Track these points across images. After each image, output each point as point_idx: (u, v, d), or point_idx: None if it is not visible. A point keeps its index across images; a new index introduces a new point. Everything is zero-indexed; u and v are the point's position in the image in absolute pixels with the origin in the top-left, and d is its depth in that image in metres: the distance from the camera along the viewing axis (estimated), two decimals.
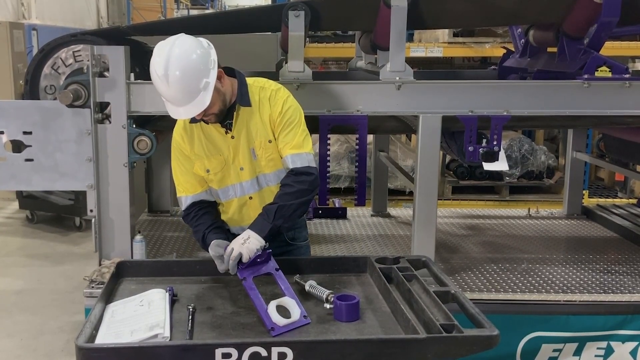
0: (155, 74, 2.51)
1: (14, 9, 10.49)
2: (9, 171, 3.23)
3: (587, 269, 3.74)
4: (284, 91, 2.79)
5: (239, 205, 2.86)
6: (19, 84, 8.05)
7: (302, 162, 2.71)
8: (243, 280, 2.53)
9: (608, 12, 3.22)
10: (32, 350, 4.61)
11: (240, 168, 2.79)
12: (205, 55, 2.55)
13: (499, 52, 5.57)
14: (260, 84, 2.78)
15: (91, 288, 3.15)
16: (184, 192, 2.88)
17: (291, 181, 2.71)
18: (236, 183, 2.82)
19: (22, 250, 6.79)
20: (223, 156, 2.78)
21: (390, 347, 2.18)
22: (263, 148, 2.75)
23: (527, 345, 3.34)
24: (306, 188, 2.70)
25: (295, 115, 2.75)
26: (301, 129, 2.75)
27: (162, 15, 14.05)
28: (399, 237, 4.36)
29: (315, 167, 2.76)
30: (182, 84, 2.50)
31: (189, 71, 2.49)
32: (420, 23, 3.78)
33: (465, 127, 3.27)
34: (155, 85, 2.56)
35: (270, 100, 2.73)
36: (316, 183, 2.76)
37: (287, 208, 2.67)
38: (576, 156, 4.90)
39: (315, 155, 2.80)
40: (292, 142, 2.73)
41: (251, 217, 2.78)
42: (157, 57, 2.52)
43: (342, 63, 8.15)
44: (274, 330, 2.33)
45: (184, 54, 2.50)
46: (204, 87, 2.52)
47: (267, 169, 2.79)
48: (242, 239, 2.59)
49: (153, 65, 2.52)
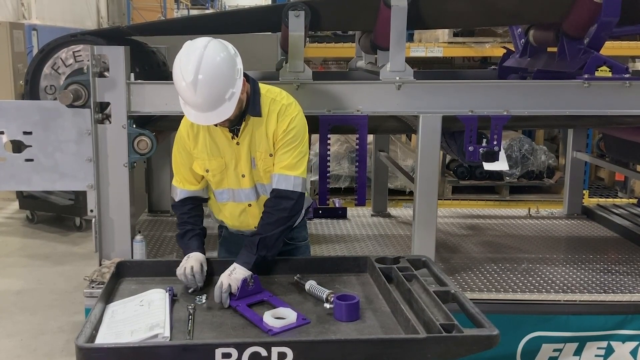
0: (183, 79, 2.45)
1: (14, 9, 10.49)
2: (9, 171, 3.23)
3: (588, 268, 3.74)
4: (294, 108, 2.75)
5: (238, 210, 2.87)
6: (19, 84, 8.06)
7: (287, 185, 2.71)
8: (237, 307, 2.52)
9: (608, 12, 3.22)
10: (32, 350, 4.61)
11: (242, 175, 2.78)
12: (233, 65, 2.52)
13: (499, 52, 5.57)
14: (273, 96, 2.74)
15: (91, 288, 3.14)
16: (181, 184, 2.90)
17: (271, 208, 2.72)
18: (236, 189, 2.82)
19: (22, 250, 6.79)
20: (224, 159, 2.78)
21: (390, 347, 2.18)
22: (263, 160, 2.75)
23: (527, 345, 3.34)
24: (285, 216, 2.72)
25: (297, 136, 2.72)
26: (298, 150, 2.73)
27: (162, 15, 14.05)
28: (399, 237, 4.36)
29: (300, 191, 2.74)
30: (209, 93, 2.46)
31: (218, 81, 2.46)
32: (420, 23, 3.77)
33: (465, 127, 3.26)
34: (179, 89, 2.51)
35: (279, 116, 2.70)
36: (297, 207, 2.75)
37: (269, 239, 2.70)
38: (576, 156, 4.90)
39: (313, 159, 2.79)
40: (284, 162, 2.72)
41: (249, 224, 2.85)
42: (187, 62, 2.45)
43: (342, 63, 8.15)
44: (271, 331, 2.33)
45: (215, 63, 2.45)
46: (229, 97, 2.50)
47: (264, 180, 2.79)
48: (229, 271, 2.62)
49: (181, 70, 2.46)
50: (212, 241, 4.01)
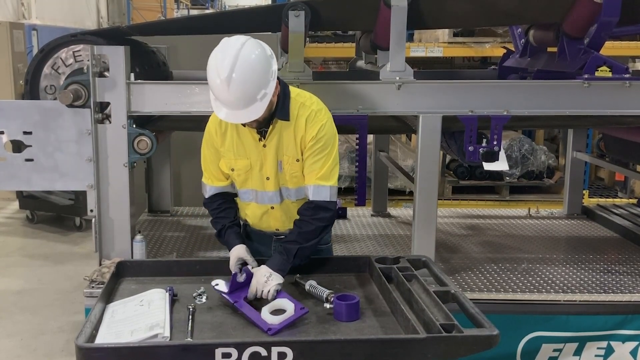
0: (217, 75, 2.43)
1: (14, 9, 10.50)
2: (9, 171, 3.23)
3: (587, 268, 3.74)
4: (324, 114, 2.71)
5: (260, 212, 2.85)
6: (19, 84, 8.06)
7: (324, 196, 2.69)
8: (235, 303, 2.52)
9: (608, 12, 3.22)
10: (32, 350, 4.61)
11: (267, 178, 2.76)
12: (268, 65, 2.50)
13: (499, 52, 5.57)
14: (302, 100, 2.71)
15: (91, 288, 3.15)
16: (210, 180, 2.89)
17: (309, 217, 2.70)
18: (260, 191, 2.80)
19: (22, 250, 6.79)
20: (250, 160, 2.75)
21: (390, 347, 2.18)
22: (290, 164, 2.72)
23: (527, 345, 3.34)
24: (324, 225, 2.72)
25: (328, 143, 2.69)
26: (332, 158, 2.70)
27: (162, 15, 14.07)
28: (399, 237, 4.36)
29: (336, 201, 2.74)
30: (242, 91, 2.44)
31: (252, 80, 2.45)
32: (420, 23, 3.78)
33: (465, 127, 3.26)
34: (211, 85, 2.49)
35: (308, 122, 2.67)
36: (334, 218, 2.76)
37: (307, 249, 2.70)
38: (576, 156, 4.90)
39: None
40: (319, 172, 2.68)
41: (271, 226, 2.86)
42: (223, 59, 2.44)
43: (342, 63, 8.15)
44: (270, 330, 2.33)
45: (251, 62, 2.44)
46: (261, 98, 2.48)
47: (290, 184, 2.76)
48: (265, 277, 2.58)
49: (216, 66, 2.44)
50: (213, 240, 4.03)
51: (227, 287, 2.59)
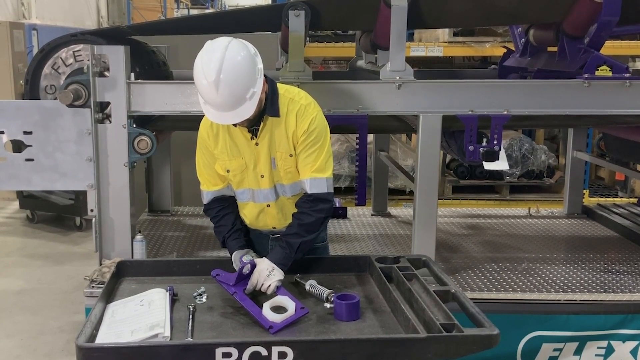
0: (204, 78, 2.45)
1: (14, 9, 10.49)
2: (9, 171, 3.23)
3: (588, 268, 3.74)
4: (314, 108, 2.73)
5: (256, 210, 2.86)
6: (19, 84, 8.06)
7: (321, 188, 2.71)
8: (234, 294, 2.53)
9: (608, 12, 3.22)
10: (32, 350, 4.61)
11: (261, 175, 2.77)
12: (254, 64, 2.51)
13: (499, 52, 5.57)
14: (291, 96, 2.73)
15: (91, 288, 3.15)
16: (206, 186, 2.90)
17: (309, 209, 2.72)
18: (255, 189, 2.81)
19: (22, 250, 6.79)
20: (244, 160, 2.76)
21: (390, 346, 2.18)
22: (283, 160, 2.73)
23: (528, 345, 3.34)
24: (324, 217, 2.74)
25: (320, 136, 2.70)
26: (325, 150, 2.72)
27: (162, 15, 14.06)
28: (399, 237, 4.36)
29: (333, 192, 2.76)
30: (231, 92, 2.45)
31: (240, 80, 2.46)
32: (421, 23, 3.78)
33: (465, 126, 3.26)
34: (200, 89, 2.50)
35: (298, 116, 2.68)
36: (332, 210, 2.78)
37: (309, 242, 2.73)
38: (576, 155, 4.90)
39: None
40: (313, 165, 2.70)
41: (267, 224, 2.87)
42: (208, 62, 2.45)
43: (342, 63, 8.14)
44: (272, 328, 2.33)
45: (237, 62, 2.45)
46: (250, 97, 2.49)
47: (284, 180, 2.77)
48: (267, 271, 2.60)
49: (203, 69, 2.46)
50: (213, 240, 4.04)
51: (227, 277, 2.59)
